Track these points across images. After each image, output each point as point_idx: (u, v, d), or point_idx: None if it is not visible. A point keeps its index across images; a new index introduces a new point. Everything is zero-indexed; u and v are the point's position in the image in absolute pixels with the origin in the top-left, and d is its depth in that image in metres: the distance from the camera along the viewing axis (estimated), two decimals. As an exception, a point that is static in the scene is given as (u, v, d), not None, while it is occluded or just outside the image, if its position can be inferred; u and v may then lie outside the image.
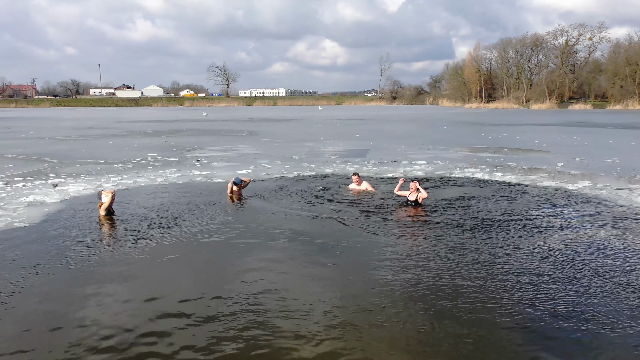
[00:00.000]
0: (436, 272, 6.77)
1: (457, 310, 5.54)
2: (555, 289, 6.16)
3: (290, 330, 5.10)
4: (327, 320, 5.33)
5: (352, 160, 19.26)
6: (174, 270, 7.03)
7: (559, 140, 28.95)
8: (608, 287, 6.24)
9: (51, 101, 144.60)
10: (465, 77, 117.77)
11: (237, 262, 7.33)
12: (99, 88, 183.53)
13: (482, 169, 16.70)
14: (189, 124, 49.90)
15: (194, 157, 20.76)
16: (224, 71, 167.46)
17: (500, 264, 7.09)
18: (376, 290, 6.18)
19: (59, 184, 13.73)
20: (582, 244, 8.01)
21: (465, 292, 6.07)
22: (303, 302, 5.80)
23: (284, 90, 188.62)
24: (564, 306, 5.66)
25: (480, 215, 9.93)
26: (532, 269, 6.88)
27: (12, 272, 6.86)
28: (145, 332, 5.09)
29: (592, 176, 15.08)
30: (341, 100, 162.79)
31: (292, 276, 6.78)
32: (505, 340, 4.92)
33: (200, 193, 12.57)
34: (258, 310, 5.60)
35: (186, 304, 5.81)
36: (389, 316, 5.43)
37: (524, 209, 10.51)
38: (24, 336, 5.07)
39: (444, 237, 8.47)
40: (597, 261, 7.21)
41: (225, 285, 6.42)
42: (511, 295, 5.97)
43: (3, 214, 10.09)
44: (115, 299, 5.98)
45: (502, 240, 8.26)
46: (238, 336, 5.00)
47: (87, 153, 22.44)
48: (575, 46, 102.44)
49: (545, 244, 8.01)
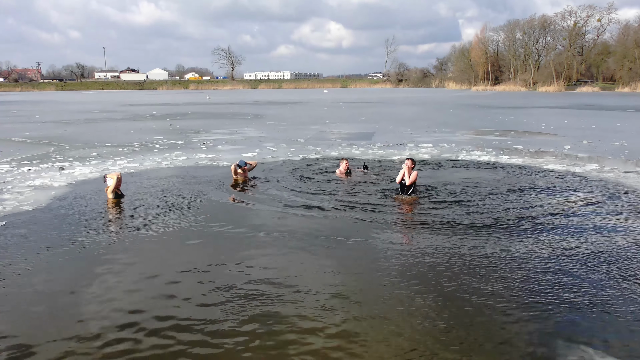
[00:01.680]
0: (440, 260, 6.75)
1: (465, 297, 5.55)
2: (564, 274, 6.15)
3: (297, 325, 5.13)
4: (331, 305, 5.36)
5: (358, 143, 19.20)
6: (180, 253, 7.06)
7: (566, 123, 28.73)
8: (625, 273, 6.22)
9: (56, 85, 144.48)
10: (472, 60, 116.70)
11: (240, 245, 7.34)
12: (103, 71, 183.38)
13: (488, 151, 16.61)
14: (194, 107, 49.80)
15: (200, 140, 20.75)
16: (228, 54, 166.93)
17: (507, 250, 7.07)
18: (377, 278, 6.18)
19: (65, 167, 13.77)
20: (589, 228, 7.97)
21: (471, 279, 6.05)
22: (305, 288, 5.82)
23: (289, 73, 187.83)
24: (571, 292, 5.66)
25: (485, 200, 9.89)
26: (538, 254, 6.86)
27: (19, 254, 6.91)
28: (149, 315, 5.12)
29: (599, 159, 14.98)
30: (346, 83, 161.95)
31: (295, 264, 6.78)
32: (516, 329, 4.92)
33: (206, 176, 12.58)
34: (260, 295, 5.62)
35: (191, 287, 5.84)
36: (392, 304, 5.44)
37: (530, 193, 10.46)
38: (29, 316, 5.13)
39: (447, 222, 8.44)
40: (606, 246, 7.17)
41: (229, 268, 6.45)
42: (518, 282, 5.97)
43: (10, 197, 10.14)
44: (119, 282, 6.01)
45: (507, 225, 8.22)
46: (241, 321, 5.03)
47: (93, 136, 22.46)
48: (583, 28, 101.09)
49: (551, 229, 7.97)
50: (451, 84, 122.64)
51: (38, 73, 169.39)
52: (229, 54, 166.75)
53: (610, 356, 4.31)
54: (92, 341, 4.62)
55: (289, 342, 4.60)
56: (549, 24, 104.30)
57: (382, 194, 10.36)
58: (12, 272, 6.30)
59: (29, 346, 4.54)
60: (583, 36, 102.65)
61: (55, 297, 5.60)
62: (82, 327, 4.88)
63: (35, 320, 5.06)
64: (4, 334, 4.77)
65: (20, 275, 6.20)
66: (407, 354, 4.40)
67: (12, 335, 4.77)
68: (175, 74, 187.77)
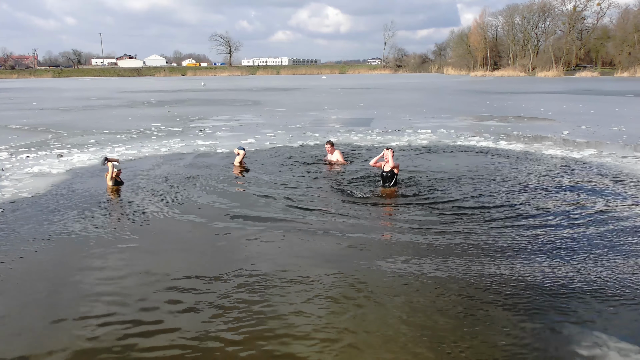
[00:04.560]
0: (437, 250, 6.79)
1: (463, 287, 5.59)
2: (565, 262, 6.19)
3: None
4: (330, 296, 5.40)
5: (356, 129, 19.17)
6: (179, 240, 7.08)
7: (564, 108, 28.68)
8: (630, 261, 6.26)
9: (53, 72, 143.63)
10: (471, 45, 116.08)
11: (240, 233, 7.37)
12: (100, 58, 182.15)
13: (486, 137, 16.60)
14: (191, 93, 49.61)
15: (198, 127, 20.70)
16: (226, 40, 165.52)
17: (504, 236, 7.10)
18: (371, 269, 6.23)
19: (64, 154, 13.76)
20: (588, 214, 8.00)
21: (470, 267, 6.09)
22: (306, 280, 5.86)
23: (287, 59, 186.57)
24: (569, 278, 5.70)
25: (482, 186, 9.92)
26: (536, 240, 6.90)
27: (18, 241, 6.93)
28: (147, 305, 5.15)
29: (597, 144, 14.99)
30: (345, 69, 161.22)
31: (295, 253, 6.81)
32: (512, 318, 4.96)
33: (205, 163, 12.58)
34: (259, 283, 5.66)
35: (190, 276, 5.87)
36: (390, 299, 5.48)
37: (528, 178, 10.48)
38: (26, 304, 5.17)
39: (441, 210, 8.47)
40: (606, 231, 7.20)
41: (228, 256, 6.49)
42: (517, 269, 6.01)
43: (9, 185, 10.14)
44: (117, 270, 6.04)
45: (505, 211, 8.25)
46: (241, 310, 5.07)
47: (90, 123, 22.40)
48: (583, 12, 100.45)
49: (549, 215, 8.00)
50: (450, 69, 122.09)
51: (35, 60, 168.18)
52: (226, 40, 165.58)
53: (624, 341, 4.35)
54: (89, 327, 4.66)
55: (286, 337, 4.65)
56: (549, 8, 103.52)
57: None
58: (11, 259, 6.32)
59: (28, 330, 4.59)
60: (582, 20, 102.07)
61: (52, 283, 5.63)
62: (77, 313, 4.92)
63: (34, 308, 5.10)
64: (4, 320, 4.82)
65: (20, 261, 6.23)
66: (409, 354, 4.44)
67: (12, 319, 4.81)
68: (172, 60, 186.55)
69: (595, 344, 4.25)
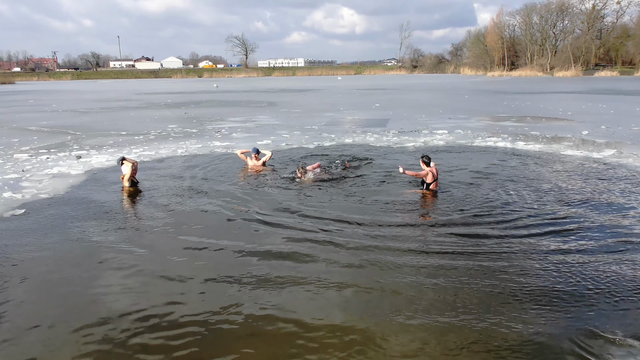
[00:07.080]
0: (461, 249, 6.75)
1: (484, 286, 5.55)
2: (588, 262, 6.11)
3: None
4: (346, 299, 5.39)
5: (372, 130, 19.12)
6: (194, 242, 7.11)
7: (583, 108, 28.29)
8: None
9: (72, 74, 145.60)
10: (488, 45, 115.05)
11: (256, 234, 7.39)
12: (118, 60, 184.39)
13: (504, 138, 16.45)
14: (208, 95, 49.90)
15: (214, 128, 20.82)
16: (242, 42, 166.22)
17: (525, 237, 7.03)
18: (389, 270, 6.20)
19: (83, 155, 13.93)
20: (610, 214, 7.89)
21: (491, 269, 6.05)
22: (316, 282, 5.85)
23: (302, 60, 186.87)
24: (589, 278, 5.62)
25: (501, 187, 9.82)
26: (558, 241, 6.82)
27: (38, 241, 7.04)
28: (160, 304, 5.20)
29: (617, 145, 14.76)
30: (360, 69, 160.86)
31: (309, 257, 6.80)
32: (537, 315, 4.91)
33: (221, 164, 12.64)
34: (272, 284, 5.67)
35: (204, 276, 5.90)
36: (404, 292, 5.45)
37: (548, 179, 10.36)
38: (39, 302, 5.26)
39: (463, 211, 8.41)
40: (630, 234, 7.10)
41: (244, 258, 6.51)
42: (540, 269, 5.95)
43: (29, 185, 10.29)
44: (132, 270, 6.09)
45: (525, 211, 8.17)
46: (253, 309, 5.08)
47: (109, 125, 22.65)
48: (602, 11, 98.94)
49: (570, 215, 7.90)
50: (466, 69, 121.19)
51: (54, 62, 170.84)
52: (242, 42, 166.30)
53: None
54: (105, 325, 4.72)
55: (293, 336, 4.65)
56: (567, 7, 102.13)
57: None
58: (30, 258, 6.42)
59: (48, 327, 4.65)
60: (602, 19, 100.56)
61: (71, 283, 5.70)
62: (96, 313, 4.98)
63: (52, 306, 5.17)
64: (24, 317, 4.89)
65: (40, 262, 6.32)
66: (414, 354, 4.41)
67: (17, 319, 4.88)
68: (189, 62, 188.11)
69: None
